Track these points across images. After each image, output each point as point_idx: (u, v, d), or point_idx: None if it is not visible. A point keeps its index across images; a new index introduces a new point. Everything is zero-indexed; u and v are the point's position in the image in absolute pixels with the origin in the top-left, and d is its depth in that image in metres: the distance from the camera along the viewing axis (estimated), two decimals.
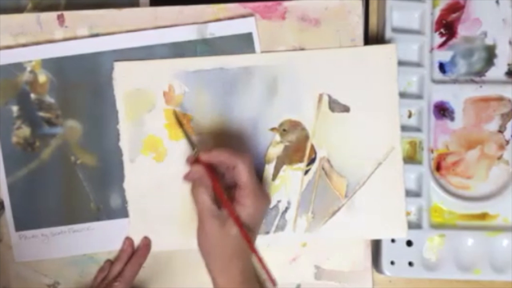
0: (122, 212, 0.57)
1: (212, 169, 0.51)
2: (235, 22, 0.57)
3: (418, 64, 0.60)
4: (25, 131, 0.57)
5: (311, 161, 0.57)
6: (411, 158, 0.60)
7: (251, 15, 0.57)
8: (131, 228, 0.57)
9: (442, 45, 0.61)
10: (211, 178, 0.50)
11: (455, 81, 0.61)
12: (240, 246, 0.50)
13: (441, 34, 0.61)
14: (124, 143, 0.57)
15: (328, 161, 0.57)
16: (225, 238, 0.50)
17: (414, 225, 0.59)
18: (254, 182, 0.50)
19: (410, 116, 0.61)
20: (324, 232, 0.57)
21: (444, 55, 0.61)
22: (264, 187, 0.55)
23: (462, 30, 0.61)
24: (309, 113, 0.57)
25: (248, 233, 0.50)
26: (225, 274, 0.51)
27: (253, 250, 0.51)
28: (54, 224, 0.57)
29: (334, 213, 0.57)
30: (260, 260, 0.52)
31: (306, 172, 0.57)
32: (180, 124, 0.55)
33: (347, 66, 0.57)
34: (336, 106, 0.57)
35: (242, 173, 0.50)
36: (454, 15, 0.61)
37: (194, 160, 0.51)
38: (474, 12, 0.61)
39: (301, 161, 0.57)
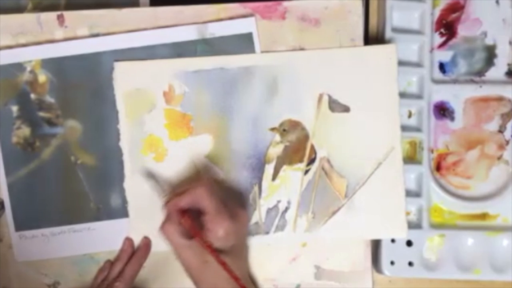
0: (122, 212, 0.57)
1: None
2: (235, 22, 0.57)
3: (418, 64, 0.60)
4: (25, 131, 0.57)
5: (311, 161, 0.57)
6: (411, 158, 0.60)
7: (251, 15, 0.57)
8: (131, 228, 0.57)
9: (442, 45, 0.61)
10: (177, 212, 0.50)
11: (455, 81, 0.61)
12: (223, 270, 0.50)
13: (441, 34, 0.61)
14: (124, 143, 0.57)
15: (328, 161, 0.57)
16: (202, 266, 0.50)
17: (414, 225, 0.59)
18: (215, 204, 0.50)
19: (410, 116, 0.61)
20: (324, 232, 0.57)
21: (444, 55, 0.61)
22: (237, 205, 0.53)
23: (462, 30, 0.61)
24: (309, 113, 0.57)
25: (224, 255, 0.50)
26: None
27: (229, 273, 0.49)
28: (54, 224, 0.57)
29: (334, 213, 0.57)
30: (237, 279, 0.49)
31: (306, 172, 0.57)
32: (153, 177, 0.56)
33: (347, 66, 0.57)
34: (336, 106, 0.57)
35: (201, 199, 0.50)
36: (454, 15, 0.61)
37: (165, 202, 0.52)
38: (474, 12, 0.61)
39: (301, 161, 0.57)
